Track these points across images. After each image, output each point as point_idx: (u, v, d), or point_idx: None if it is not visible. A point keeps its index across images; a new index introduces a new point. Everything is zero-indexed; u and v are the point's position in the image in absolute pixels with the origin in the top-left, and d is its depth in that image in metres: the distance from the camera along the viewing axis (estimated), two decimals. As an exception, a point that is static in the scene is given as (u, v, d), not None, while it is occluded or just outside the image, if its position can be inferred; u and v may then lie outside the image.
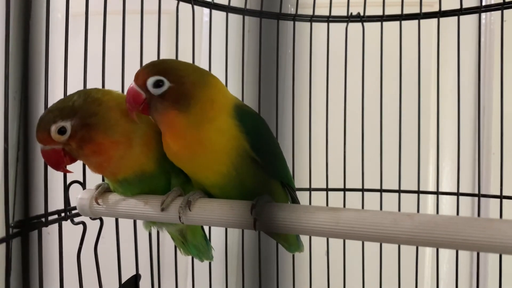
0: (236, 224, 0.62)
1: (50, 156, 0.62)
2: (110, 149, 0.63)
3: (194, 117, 0.60)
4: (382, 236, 0.54)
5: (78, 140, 0.61)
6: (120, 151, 0.63)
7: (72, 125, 0.61)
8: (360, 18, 1.05)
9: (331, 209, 0.58)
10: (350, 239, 0.58)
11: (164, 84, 0.60)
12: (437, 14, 1.01)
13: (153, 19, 0.90)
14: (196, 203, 0.64)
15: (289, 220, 0.57)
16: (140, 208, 0.67)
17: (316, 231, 0.57)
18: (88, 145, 0.62)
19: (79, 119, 0.61)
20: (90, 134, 0.61)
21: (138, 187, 0.68)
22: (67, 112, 0.61)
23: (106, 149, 0.63)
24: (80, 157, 0.64)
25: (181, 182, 0.69)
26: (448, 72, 1.22)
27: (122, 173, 0.66)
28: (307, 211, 0.58)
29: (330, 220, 0.56)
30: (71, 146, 0.62)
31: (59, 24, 0.75)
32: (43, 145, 0.61)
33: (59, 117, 0.60)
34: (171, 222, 0.68)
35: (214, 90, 0.63)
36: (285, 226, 0.58)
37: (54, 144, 0.61)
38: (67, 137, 0.61)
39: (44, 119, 0.61)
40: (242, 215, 0.60)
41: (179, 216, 0.63)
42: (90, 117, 0.62)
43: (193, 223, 0.66)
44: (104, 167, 0.65)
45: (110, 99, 0.65)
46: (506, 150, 0.95)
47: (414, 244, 0.54)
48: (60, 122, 0.60)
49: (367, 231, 0.55)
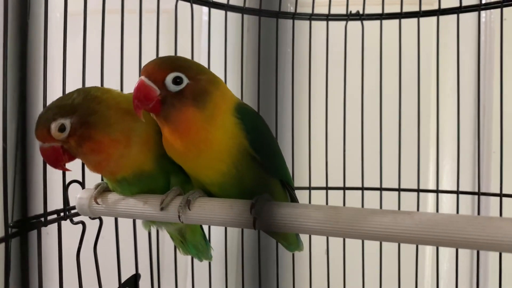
0: (235, 223, 0.62)
1: (49, 153, 0.62)
2: (109, 147, 0.63)
3: (208, 114, 0.60)
4: (382, 235, 0.54)
5: (77, 137, 0.61)
6: (119, 149, 0.63)
7: (72, 122, 0.61)
8: (360, 16, 1.05)
9: (331, 207, 0.58)
10: (350, 238, 0.58)
11: (183, 81, 0.60)
12: (436, 12, 1.01)
13: (151, 18, 0.89)
14: (196, 202, 0.64)
15: (289, 219, 0.57)
16: (139, 208, 0.67)
17: (316, 230, 0.57)
18: (87, 143, 0.62)
19: (79, 117, 0.61)
20: (89, 132, 0.61)
21: (137, 187, 0.67)
22: (66, 110, 0.61)
23: (105, 147, 0.62)
24: (79, 155, 0.64)
25: (181, 181, 0.69)
26: (448, 70, 1.22)
27: (121, 172, 0.66)
28: (307, 209, 0.58)
29: (330, 219, 0.56)
30: (70, 143, 0.62)
31: (58, 23, 0.74)
32: (42, 142, 0.61)
33: (58, 115, 0.60)
34: (171, 222, 0.68)
35: (222, 89, 0.64)
36: (285, 225, 0.58)
37: (53, 142, 0.61)
38: (66, 135, 0.61)
39: (43, 117, 0.61)
40: (242, 214, 0.60)
41: (178, 215, 0.63)
42: (89, 115, 0.62)
43: (193, 222, 0.66)
44: (102, 166, 0.65)
45: (109, 97, 0.65)
46: (506, 148, 0.95)
47: (414, 242, 0.54)
48: (60, 119, 0.60)
49: (367, 230, 0.54)
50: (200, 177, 0.66)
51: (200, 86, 0.60)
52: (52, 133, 0.60)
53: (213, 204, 0.63)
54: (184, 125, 0.61)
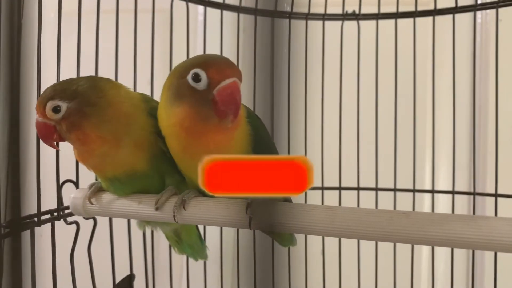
0: (231, 223, 0.61)
1: (41, 128, 0.63)
2: (94, 143, 0.63)
3: None
4: (378, 234, 0.54)
5: (69, 123, 0.62)
6: (104, 148, 0.63)
7: (68, 107, 0.61)
8: (356, 16, 1.05)
9: (327, 207, 0.58)
10: (346, 238, 0.58)
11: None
12: (432, 12, 1.01)
13: (147, 18, 0.89)
14: (191, 202, 0.63)
15: (285, 219, 0.57)
16: (134, 208, 0.66)
17: (312, 230, 0.57)
18: (76, 131, 0.62)
19: (77, 104, 0.61)
20: (81, 121, 0.62)
21: (130, 186, 0.67)
22: (68, 94, 0.62)
23: (90, 141, 0.63)
24: (67, 139, 0.64)
25: (176, 182, 0.69)
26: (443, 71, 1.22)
27: (110, 171, 0.65)
28: (303, 209, 0.57)
29: (326, 219, 0.56)
30: (61, 126, 0.62)
31: (52, 24, 0.74)
32: (38, 116, 0.62)
33: (58, 96, 0.61)
34: (166, 222, 0.67)
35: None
36: (281, 225, 0.58)
37: (46, 119, 0.62)
38: (59, 117, 0.61)
39: (46, 92, 0.62)
40: (238, 214, 0.59)
41: (173, 215, 0.63)
42: (87, 106, 0.62)
43: (188, 222, 0.66)
44: (85, 158, 0.66)
45: (114, 94, 0.65)
46: (501, 149, 0.95)
47: (410, 242, 0.54)
48: (57, 101, 0.61)
49: (363, 230, 0.54)
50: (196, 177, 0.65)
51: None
52: (46, 111, 0.61)
53: (208, 204, 0.62)
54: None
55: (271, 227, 0.59)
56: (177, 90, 0.59)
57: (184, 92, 0.58)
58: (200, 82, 0.57)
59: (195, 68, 0.58)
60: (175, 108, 0.59)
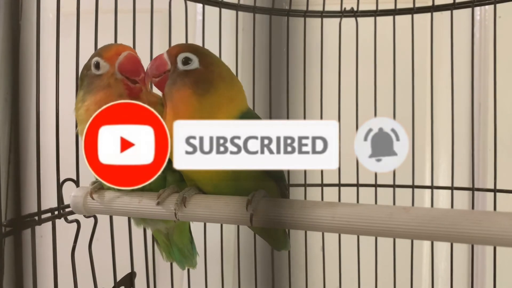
0: (232, 220, 0.62)
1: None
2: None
3: (207, 105, 0.61)
4: (378, 230, 0.54)
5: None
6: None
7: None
8: (354, 13, 1.05)
9: (328, 203, 0.58)
10: (346, 234, 0.58)
11: (193, 63, 0.63)
12: (430, 8, 1.01)
13: (145, 18, 0.89)
14: (192, 199, 0.63)
15: (286, 215, 0.57)
16: (134, 205, 0.66)
17: (313, 226, 0.57)
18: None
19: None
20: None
21: None
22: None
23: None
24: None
25: (177, 180, 0.69)
26: (442, 67, 1.22)
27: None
28: (303, 206, 0.58)
29: (326, 215, 0.56)
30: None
31: (50, 24, 0.74)
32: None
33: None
34: (166, 219, 0.67)
35: (234, 93, 0.65)
36: (282, 221, 0.58)
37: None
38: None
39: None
40: (238, 210, 0.59)
41: (174, 212, 0.63)
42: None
43: (189, 219, 0.66)
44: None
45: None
46: (500, 144, 0.95)
47: (410, 237, 0.54)
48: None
49: (363, 225, 0.55)
50: (194, 175, 0.65)
51: (207, 76, 0.62)
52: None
53: (209, 201, 0.62)
54: (179, 104, 0.62)
55: (272, 224, 0.59)
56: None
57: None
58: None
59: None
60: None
